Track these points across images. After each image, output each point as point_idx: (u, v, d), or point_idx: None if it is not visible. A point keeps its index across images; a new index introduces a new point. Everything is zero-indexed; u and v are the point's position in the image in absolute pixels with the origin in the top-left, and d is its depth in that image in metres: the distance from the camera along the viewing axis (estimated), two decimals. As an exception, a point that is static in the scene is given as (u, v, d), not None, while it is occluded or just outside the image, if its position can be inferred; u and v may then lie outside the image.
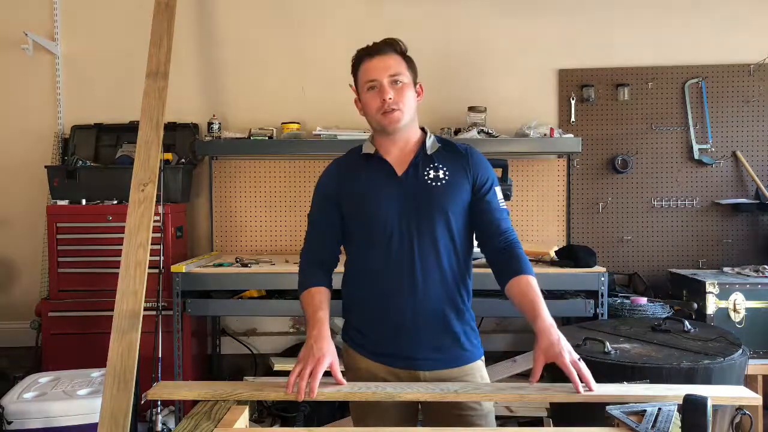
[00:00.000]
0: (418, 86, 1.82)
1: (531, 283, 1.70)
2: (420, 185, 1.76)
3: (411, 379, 1.76)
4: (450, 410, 1.73)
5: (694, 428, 1.34)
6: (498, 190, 1.83)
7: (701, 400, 1.36)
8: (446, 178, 1.77)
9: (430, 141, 1.82)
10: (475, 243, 1.86)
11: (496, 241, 1.78)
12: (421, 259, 1.74)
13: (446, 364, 1.77)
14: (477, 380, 1.79)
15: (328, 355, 1.61)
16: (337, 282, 1.87)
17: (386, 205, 1.76)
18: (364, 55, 1.78)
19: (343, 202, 1.82)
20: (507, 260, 1.76)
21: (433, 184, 1.76)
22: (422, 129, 1.87)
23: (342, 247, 1.90)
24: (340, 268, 1.90)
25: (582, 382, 1.53)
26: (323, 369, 1.58)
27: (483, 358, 1.85)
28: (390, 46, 1.78)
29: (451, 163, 1.80)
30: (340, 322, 4.01)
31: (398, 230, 1.75)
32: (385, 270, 1.76)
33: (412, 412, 1.84)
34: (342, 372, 1.68)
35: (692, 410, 1.36)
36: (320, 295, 1.76)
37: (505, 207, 1.83)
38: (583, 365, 1.55)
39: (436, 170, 1.78)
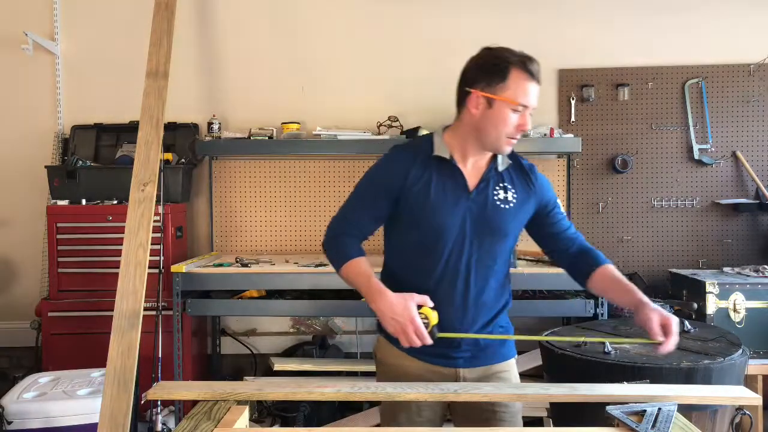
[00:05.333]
0: None
1: (615, 272, 1.78)
2: (489, 205, 1.75)
3: (449, 376, 1.76)
4: (482, 408, 1.75)
5: None
6: (558, 201, 1.89)
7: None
8: (514, 200, 1.77)
9: (501, 156, 1.79)
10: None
11: (569, 248, 1.86)
12: (476, 273, 1.75)
13: (485, 361, 1.80)
14: (512, 377, 1.84)
15: (409, 299, 1.59)
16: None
17: (451, 218, 1.73)
18: (524, 69, 1.66)
19: (403, 199, 1.75)
20: (582, 259, 1.83)
21: (502, 206, 1.76)
22: None
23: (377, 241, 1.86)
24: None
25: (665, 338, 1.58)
26: (417, 317, 1.57)
27: (516, 356, 1.90)
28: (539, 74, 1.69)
29: (518, 183, 1.80)
30: (340, 321, 4.01)
31: (459, 244, 1.74)
32: (438, 278, 1.74)
33: (441, 411, 1.84)
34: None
35: None
36: (366, 264, 1.73)
37: (563, 212, 1.90)
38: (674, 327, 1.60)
39: (506, 191, 1.77)
